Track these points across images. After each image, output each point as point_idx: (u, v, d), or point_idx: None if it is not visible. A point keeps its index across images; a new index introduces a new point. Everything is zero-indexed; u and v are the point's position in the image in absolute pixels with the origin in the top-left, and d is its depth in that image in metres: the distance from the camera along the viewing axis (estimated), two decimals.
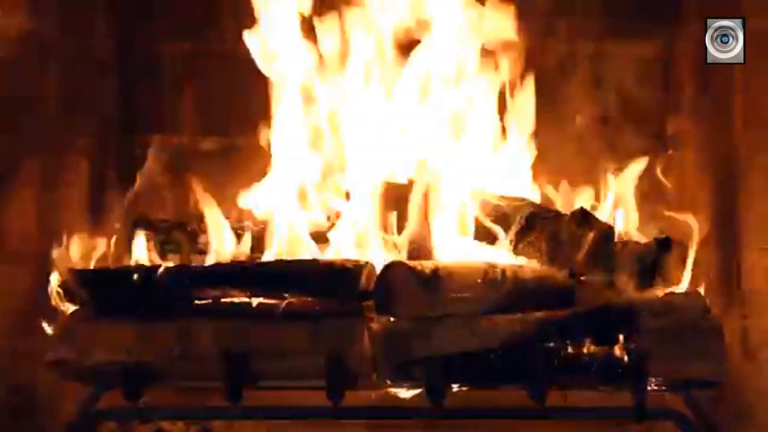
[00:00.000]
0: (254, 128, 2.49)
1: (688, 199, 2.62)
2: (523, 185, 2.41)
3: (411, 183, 2.28)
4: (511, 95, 2.43)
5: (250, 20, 2.45)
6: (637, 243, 2.21)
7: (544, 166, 2.48)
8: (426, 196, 2.26)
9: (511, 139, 2.43)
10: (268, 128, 2.45)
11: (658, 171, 2.41)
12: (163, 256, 2.27)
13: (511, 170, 2.42)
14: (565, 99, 2.66)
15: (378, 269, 2.03)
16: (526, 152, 2.44)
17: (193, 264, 2.23)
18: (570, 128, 2.62)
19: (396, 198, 2.27)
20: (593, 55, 2.74)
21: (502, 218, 2.21)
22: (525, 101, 2.42)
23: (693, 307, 2.03)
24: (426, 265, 2.01)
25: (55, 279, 2.12)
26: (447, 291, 1.99)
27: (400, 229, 2.25)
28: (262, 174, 2.43)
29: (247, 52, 2.45)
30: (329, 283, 2.00)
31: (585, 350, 1.98)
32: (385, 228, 2.25)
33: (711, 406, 2.09)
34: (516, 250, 2.18)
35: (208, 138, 2.78)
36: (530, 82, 2.43)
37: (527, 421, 2.20)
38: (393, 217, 2.26)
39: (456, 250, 2.23)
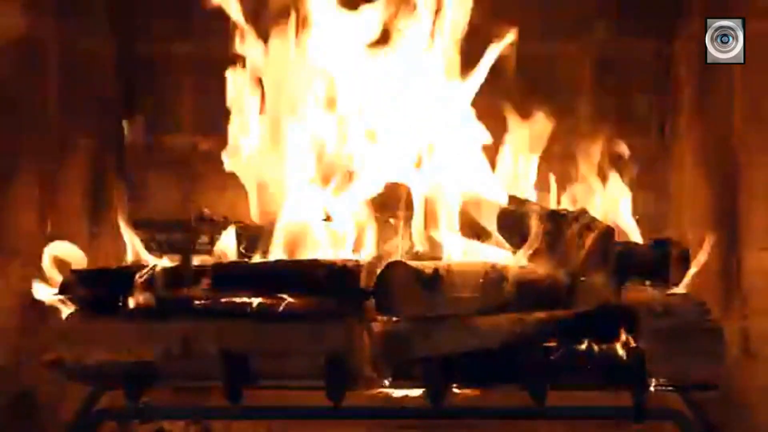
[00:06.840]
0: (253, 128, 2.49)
1: (688, 199, 2.62)
2: (521, 185, 2.42)
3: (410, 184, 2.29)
4: (511, 95, 2.43)
5: (250, 20, 2.45)
6: (637, 243, 2.21)
7: (542, 165, 2.48)
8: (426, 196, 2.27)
9: (509, 137, 2.44)
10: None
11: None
12: (163, 257, 2.27)
13: (509, 170, 2.42)
14: (565, 98, 2.66)
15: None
16: (525, 152, 2.44)
17: (193, 264, 2.23)
18: (568, 127, 2.62)
19: (396, 198, 2.28)
20: (593, 54, 2.74)
21: (507, 220, 2.21)
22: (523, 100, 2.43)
23: (693, 307, 2.03)
24: (426, 265, 2.01)
25: (54, 279, 2.12)
26: (447, 291, 1.99)
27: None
28: (261, 174, 2.43)
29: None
30: (329, 283, 2.00)
31: (585, 350, 1.98)
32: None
33: (711, 406, 2.09)
34: (520, 252, 2.18)
35: (208, 138, 2.78)
36: (528, 82, 2.44)
37: (527, 421, 2.20)
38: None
39: (457, 250, 2.23)
